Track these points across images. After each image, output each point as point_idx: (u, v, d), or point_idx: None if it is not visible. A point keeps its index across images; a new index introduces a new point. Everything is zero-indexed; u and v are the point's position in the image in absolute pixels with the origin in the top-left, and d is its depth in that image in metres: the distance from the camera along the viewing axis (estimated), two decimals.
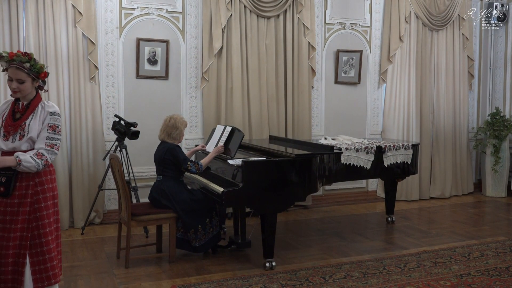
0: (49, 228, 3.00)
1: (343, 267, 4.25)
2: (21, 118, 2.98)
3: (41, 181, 2.99)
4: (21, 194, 2.92)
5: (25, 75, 2.99)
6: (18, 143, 2.94)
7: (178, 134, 4.47)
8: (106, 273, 4.11)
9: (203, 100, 6.06)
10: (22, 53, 3.05)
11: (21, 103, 3.03)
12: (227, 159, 4.40)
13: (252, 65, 6.16)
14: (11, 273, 2.90)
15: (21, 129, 2.96)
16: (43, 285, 2.98)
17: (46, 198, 3.00)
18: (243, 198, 4.11)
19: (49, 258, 3.00)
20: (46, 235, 2.98)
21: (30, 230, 2.96)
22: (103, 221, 5.68)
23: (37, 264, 2.96)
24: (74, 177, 5.48)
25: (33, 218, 2.96)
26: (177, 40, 5.97)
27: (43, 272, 2.98)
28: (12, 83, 2.97)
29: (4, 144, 2.94)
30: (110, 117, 5.61)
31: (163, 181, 4.41)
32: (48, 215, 3.01)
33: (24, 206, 2.93)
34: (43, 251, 2.98)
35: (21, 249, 2.92)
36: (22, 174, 2.94)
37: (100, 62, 5.60)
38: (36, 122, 2.98)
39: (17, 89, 2.98)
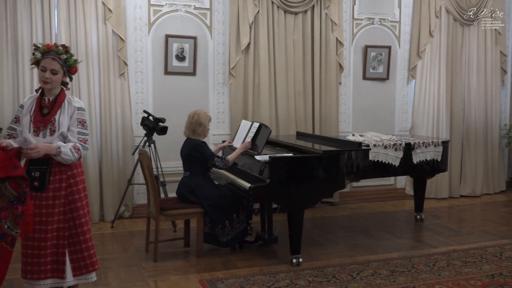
0: (84, 219, 3.09)
1: (371, 265, 4.21)
2: (49, 114, 3.03)
3: (73, 174, 3.06)
4: (55, 188, 3.00)
5: (59, 66, 3.04)
6: (50, 138, 3.00)
7: (203, 130, 4.49)
8: (135, 266, 4.18)
9: (230, 96, 6.08)
10: (60, 45, 3.11)
11: (47, 98, 3.08)
12: (254, 155, 4.40)
13: (279, 61, 6.15)
14: (50, 263, 2.99)
15: (51, 124, 3.01)
16: (82, 273, 3.09)
17: (79, 190, 3.08)
18: (270, 194, 4.12)
19: (86, 247, 3.09)
20: (81, 226, 3.07)
21: (67, 222, 3.04)
22: (132, 215, 5.77)
23: (75, 253, 3.05)
24: (104, 171, 5.58)
25: (68, 210, 3.04)
26: (205, 36, 6.00)
27: (81, 261, 3.08)
28: (45, 73, 3.01)
29: (36, 140, 2.99)
30: (139, 113, 5.69)
31: (190, 177, 4.45)
32: (82, 206, 3.09)
33: (59, 199, 3.01)
34: (80, 241, 3.07)
35: (59, 240, 3.01)
36: (55, 168, 3.01)
37: (129, 58, 5.67)
38: (65, 117, 3.05)
39: (49, 80, 3.01)
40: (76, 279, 3.08)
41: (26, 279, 3.00)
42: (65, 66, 3.08)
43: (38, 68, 3.06)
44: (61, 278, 3.01)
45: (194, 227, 4.50)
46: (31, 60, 3.11)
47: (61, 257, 3.01)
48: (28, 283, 3.02)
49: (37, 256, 2.95)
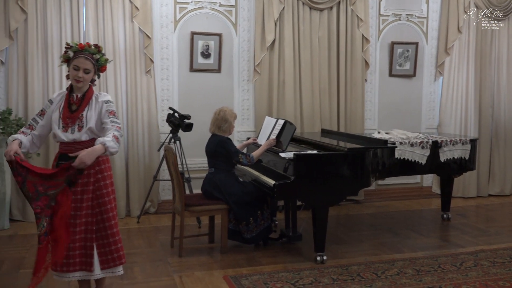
0: (111, 213, 3.13)
1: (396, 264, 4.17)
2: (78, 110, 3.09)
3: (100, 169, 3.11)
4: (84, 183, 3.05)
5: (91, 66, 3.10)
6: (78, 134, 3.06)
7: (228, 127, 4.51)
8: (161, 261, 4.23)
9: (255, 93, 6.09)
10: (93, 45, 3.17)
11: (75, 95, 3.13)
12: (278, 152, 4.40)
13: (304, 57, 6.12)
14: (79, 256, 3.05)
15: (79, 120, 3.07)
16: (109, 266, 3.13)
17: (106, 185, 3.12)
18: (295, 191, 4.11)
19: (113, 241, 3.13)
20: (109, 220, 3.12)
21: (95, 216, 3.09)
22: (157, 210, 5.84)
23: (103, 247, 3.10)
24: (130, 167, 5.65)
25: (96, 204, 3.09)
26: (230, 33, 6.01)
27: (109, 254, 3.13)
28: (78, 72, 3.06)
29: (65, 136, 3.06)
30: (165, 110, 5.74)
31: (215, 173, 4.47)
32: (110, 200, 3.14)
33: (87, 194, 3.06)
34: (107, 235, 3.11)
35: (87, 234, 3.07)
36: None
37: (155, 55, 5.73)
38: (92, 113, 3.10)
39: (82, 79, 3.07)
40: (104, 272, 3.13)
41: (56, 271, 3.06)
42: (96, 65, 3.14)
43: (68, 66, 3.11)
44: (89, 271, 3.07)
45: (219, 223, 4.52)
46: (61, 58, 3.16)
47: (89, 250, 3.07)
48: (57, 275, 3.09)
49: (70, 249, 3.01)
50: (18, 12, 5.16)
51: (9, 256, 4.29)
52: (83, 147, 3.03)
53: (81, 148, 3.03)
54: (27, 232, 4.98)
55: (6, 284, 3.70)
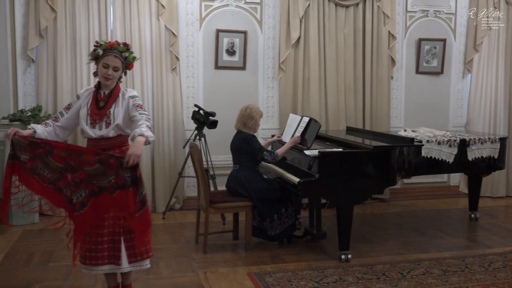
0: None
1: (422, 263, 4.12)
2: (105, 107, 3.14)
3: None
4: None
5: (120, 64, 3.15)
6: (106, 130, 3.11)
7: (254, 124, 4.52)
8: (185, 257, 4.27)
9: (279, 90, 6.08)
10: (122, 43, 3.21)
11: (102, 92, 3.18)
12: (303, 150, 4.39)
13: (329, 55, 6.08)
14: (107, 250, 3.09)
15: (106, 117, 3.11)
16: (137, 260, 3.17)
17: None
18: (319, 189, 4.09)
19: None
20: None
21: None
22: (182, 207, 5.89)
23: (130, 241, 3.14)
24: (156, 164, 5.72)
25: None
26: (255, 30, 6.02)
27: (136, 248, 3.15)
28: (108, 70, 3.12)
29: (92, 132, 3.11)
30: (190, 107, 5.78)
31: (240, 170, 4.49)
32: None
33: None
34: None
35: (115, 228, 3.11)
36: None
37: (181, 53, 5.77)
38: (119, 110, 3.14)
39: (111, 77, 3.12)
40: (131, 266, 3.18)
41: (85, 264, 3.13)
42: (125, 63, 3.19)
43: (97, 63, 3.17)
44: (117, 264, 3.12)
45: (243, 220, 4.54)
46: (89, 56, 3.22)
47: (117, 244, 3.11)
48: (86, 268, 3.15)
49: (95, 243, 3.06)
50: (48, 11, 5.27)
51: (39, 250, 4.39)
52: (110, 143, 3.09)
53: (108, 144, 3.09)
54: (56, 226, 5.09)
55: (36, 276, 3.79)
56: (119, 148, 3.15)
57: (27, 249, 4.40)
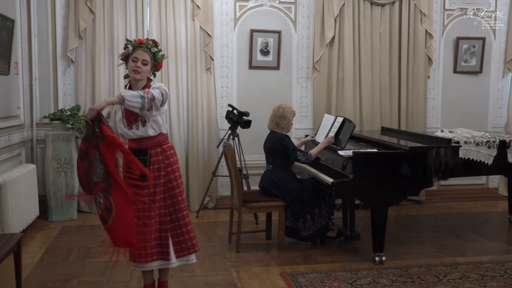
0: (182, 204, 3.25)
1: (459, 267, 4.02)
2: None
3: (170, 162, 3.22)
4: (155, 176, 3.16)
5: (149, 58, 3.18)
6: (143, 129, 3.14)
7: (287, 124, 4.51)
8: (219, 255, 4.30)
9: (313, 90, 6.06)
10: (151, 40, 3.26)
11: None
12: (337, 150, 4.35)
13: (364, 54, 6.02)
14: (155, 247, 3.18)
15: (140, 116, 3.13)
16: (184, 254, 3.26)
17: (176, 177, 3.24)
18: (353, 190, 4.06)
19: (186, 231, 3.24)
20: (181, 211, 3.23)
21: (167, 208, 3.21)
22: (216, 206, 5.94)
23: (176, 237, 3.23)
24: (190, 163, 5.78)
25: (168, 196, 3.21)
26: (289, 30, 6.01)
27: (183, 243, 3.25)
28: (136, 63, 3.14)
29: (132, 132, 3.15)
30: (224, 107, 5.82)
31: (273, 170, 4.49)
32: (180, 192, 3.25)
33: (159, 187, 3.18)
34: (180, 225, 3.23)
35: (161, 225, 3.20)
36: (154, 158, 3.17)
37: (215, 53, 5.81)
38: None
39: (140, 69, 3.13)
40: (179, 261, 3.26)
41: (134, 261, 3.19)
42: (154, 59, 3.22)
43: (127, 63, 3.20)
44: (167, 260, 3.21)
45: (276, 220, 4.53)
46: (120, 56, 3.26)
47: (164, 240, 3.20)
48: (134, 265, 3.22)
49: (143, 241, 3.13)
50: (87, 13, 5.40)
51: (77, 245, 4.51)
52: (150, 142, 3.15)
53: (149, 143, 3.15)
54: (94, 223, 5.21)
55: (74, 272, 3.89)
56: (160, 147, 3.20)
57: (66, 245, 4.52)
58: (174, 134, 5.65)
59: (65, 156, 5.21)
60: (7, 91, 4.87)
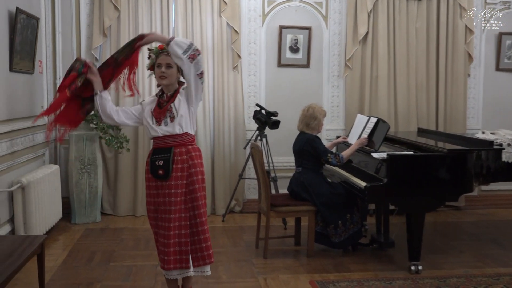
0: (202, 209, 3.22)
1: (502, 279, 3.92)
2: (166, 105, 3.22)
3: (194, 164, 3.21)
4: (177, 177, 3.17)
5: (172, 61, 3.20)
6: (171, 125, 3.18)
7: (317, 124, 4.48)
8: (245, 261, 4.30)
9: (345, 89, 6.01)
10: None
11: (165, 95, 3.26)
12: (370, 152, 4.31)
13: (399, 51, 5.94)
14: (174, 253, 3.16)
15: (169, 112, 3.19)
16: (199, 264, 3.24)
17: (198, 180, 3.22)
18: (387, 194, 4.01)
19: (203, 238, 3.22)
20: (200, 216, 3.21)
21: (188, 211, 3.20)
22: (242, 209, 5.95)
23: (193, 244, 3.21)
24: (216, 164, 5.81)
25: (188, 199, 3.20)
26: (320, 26, 5.98)
27: (199, 252, 3.22)
28: (161, 68, 3.19)
29: (159, 129, 3.20)
30: (252, 106, 5.82)
31: (302, 173, 4.46)
32: (201, 196, 3.23)
33: (181, 188, 3.17)
34: (198, 231, 3.21)
35: (181, 230, 3.18)
36: (177, 157, 3.18)
37: (242, 50, 5.82)
38: (180, 103, 3.20)
39: (165, 74, 3.18)
40: (194, 271, 3.24)
41: (164, 269, 3.21)
42: None
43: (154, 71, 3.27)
44: (186, 268, 3.19)
45: (305, 225, 4.51)
46: (147, 66, 3.34)
47: (184, 246, 3.18)
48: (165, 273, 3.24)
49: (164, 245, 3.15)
50: (111, 10, 5.48)
51: (100, 249, 4.58)
52: (176, 141, 3.17)
53: (174, 141, 3.17)
54: (117, 225, 5.29)
55: (97, 276, 3.95)
56: (185, 146, 3.21)
57: (89, 248, 4.60)
58: (199, 135, 5.68)
59: (89, 157, 5.30)
60: (31, 90, 4.99)
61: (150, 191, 3.26)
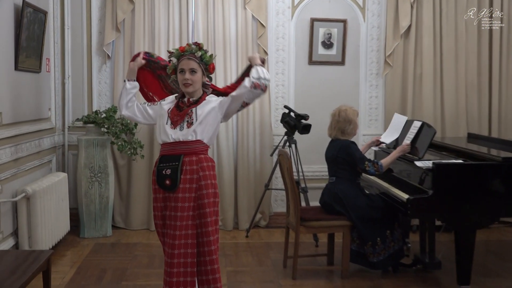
0: (210, 228, 3.21)
1: None
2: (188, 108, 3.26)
3: (204, 175, 3.23)
4: (185, 188, 3.18)
5: (197, 65, 3.26)
6: (186, 131, 3.21)
7: (353, 128, 4.47)
8: (272, 282, 4.31)
9: (385, 89, 6.00)
10: (193, 43, 3.35)
11: (187, 98, 3.31)
12: (413, 160, 4.28)
13: (447, 46, 5.91)
14: (176, 275, 3.15)
15: (188, 116, 3.22)
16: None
17: (209, 194, 3.23)
18: (433, 208, 3.99)
19: (210, 260, 3.21)
20: (208, 235, 3.20)
21: (195, 228, 3.20)
22: (269, 224, 5.95)
23: (199, 265, 3.20)
24: (239, 173, 5.83)
25: (197, 215, 3.20)
26: (356, 19, 5.97)
27: (203, 275, 3.21)
28: (184, 75, 3.24)
29: (173, 132, 3.23)
30: (279, 108, 5.84)
31: (336, 183, 4.45)
32: (210, 213, 3.22)
33: (188, 201, 3.18)
34: (204, 251, 3.20)
35: (187, 248, 3.17)
36: (186, 167, 3.20)
37: (269, 46, 5.85)
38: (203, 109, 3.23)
39: (190, 81, 3.23)
40: None
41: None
42: (202, 63, 3.29)
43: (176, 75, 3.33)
44: None
45: (339, 242, 4.49)
46: (168, 70, 3.40)
47: (190, 267, 3.17)
48: None
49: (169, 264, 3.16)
50: (125, 3, 5.57)
51: (111, 266, 4.64)
52: (186, 148, 3.19)
53: (185, 149, 3.19)
54: (130, 240, 5.36)
55: None
56: (196, 155, 3.23)
57: (99, 265, 4.66)
58: (221, 141, 5.72)
59: (100, 164, 5.38)
60: (38, 90, 5.10)
61: (157, 203, 3.28)
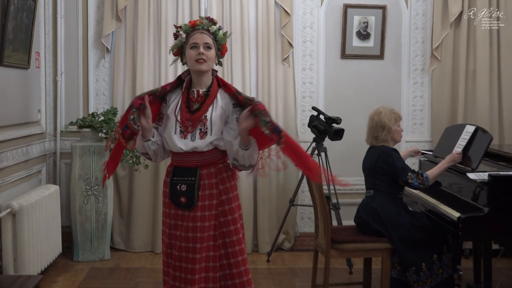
0: (238, 247, 3.22)
1: None
2: (200, 109, 3.18)
3: (225, 189, 3.22)
4: (204, 206, 3.17)
5: (211, 40, 3.21)
6: (200, 142, 3.16)
7: (388, 134, 4.42)
8: None
9: (432, 88, 6.00)
10: (205, 17, 3.28)
11: (196, 91, 3.23)
12: (466, 172, 4.25)
13: (506, 36, 5.91)
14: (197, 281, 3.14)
15: (201, 124, 3.16)
16: None
17: (232, 209, 3.23)
18: (489, 229, 3.97)
19: (240, 283, 3.21)
20: (235, 255, 3.21)
21: (217, 249, 3.20)
22: (294, 246, 5.95)
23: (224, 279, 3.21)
24: (259, 187, 5.84)
25: (219, 234, 3.20)
26: (398, 4, 5.97)
27: None
28: (198, 50, 3.15)
29: (184, 144, 3.17)
30: (307, 110, 5.85)
31: (374, 197, 4.44)
32: (237, 230, 3.23)
33: (208, 220, 3.17)
34: (233, 274, 3.21)
35: (209, 273, 3.18)
36: (205, 181, 3.18)
37: (295, 37, 5.87)
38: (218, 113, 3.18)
39: (205, 57, 3.15)
40: None
41: None
42: (215, 42, 3.24)
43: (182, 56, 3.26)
44: None
45: (378, 268, 4.47)
46: (172, 50, 3.32)
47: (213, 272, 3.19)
48: None
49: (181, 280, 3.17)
50: None
51: None
52: (203, 159, 3.16)
53: (201, 160, 3.16)
54: (131, 265, 5.38)
55: None
56: (214, 166, 3.20)
57: None
58: None
59: (96, 175, 5.41)
60: (26, 90, 5.14)
61: (166, 219, 3.28)
